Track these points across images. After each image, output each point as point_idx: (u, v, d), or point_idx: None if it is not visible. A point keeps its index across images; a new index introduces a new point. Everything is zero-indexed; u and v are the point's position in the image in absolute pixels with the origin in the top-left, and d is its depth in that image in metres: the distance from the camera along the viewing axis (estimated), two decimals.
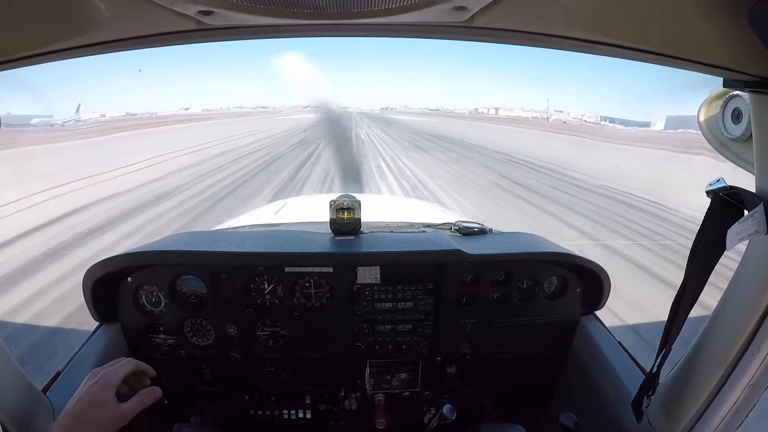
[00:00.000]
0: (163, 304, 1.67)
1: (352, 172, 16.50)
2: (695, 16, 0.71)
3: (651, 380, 1.17)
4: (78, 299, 2.98)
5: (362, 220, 1.73)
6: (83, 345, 1.58)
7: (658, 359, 1.14)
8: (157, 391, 1.13)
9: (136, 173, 15.87)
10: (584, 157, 23.13)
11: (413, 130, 45.50)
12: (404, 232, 1.84)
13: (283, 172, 16.94)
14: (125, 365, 1.14)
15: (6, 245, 7.61)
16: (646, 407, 1.20)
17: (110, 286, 1.63)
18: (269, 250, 1.63)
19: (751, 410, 1.04)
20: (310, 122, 43.70)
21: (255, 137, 32.88)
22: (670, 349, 1.11)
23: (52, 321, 4.80)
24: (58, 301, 5.34)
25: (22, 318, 4.96)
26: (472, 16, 0.72)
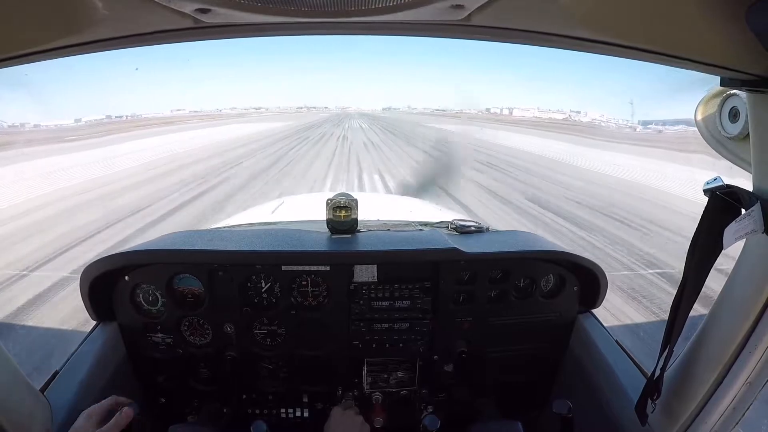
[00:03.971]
0: (160, 303, 1.67)
1: None
2: (693, 15, 0.71)
3: (655, 383, 1.15)
4: None
5: (359, 218, 1.73)
6: (81, 344, 1.58)
7: (661, 361, 1.13)
8: (130, 412, 1.23)
9: None
10: None
11: None
12: (401, 231, 1.84)
13: None
14: (108, 400, 1.27)
15: None
16: (652, 411, 1.19)
17: (107, 285, 1.62)
18: (266, 249, 1.62)
19: (748, 408, 1.05)
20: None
21: None
22: (672, 350, 1.11)
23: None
24: None
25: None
26: (470, 15, 0.72)
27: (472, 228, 1.88)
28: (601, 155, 22.20)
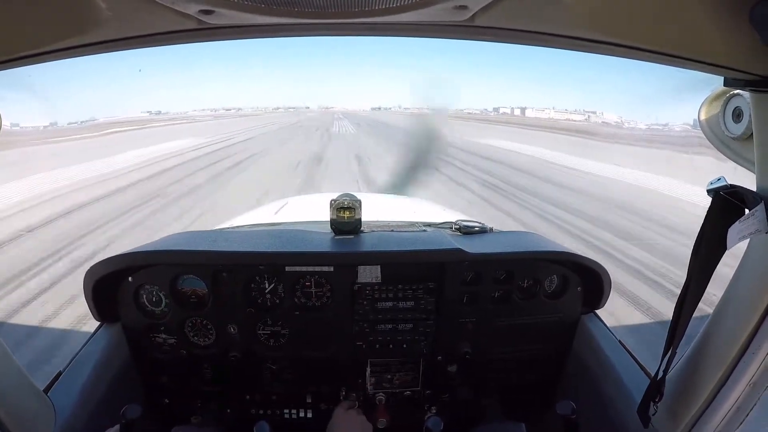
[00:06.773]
0: (164, 304, 1.67)
1: None
2: (696, 15, 0.71)
3: (657, 385, 1.15)
4: None
5: (363, 219, 1.73)
6: (84, 345, 1.58)
7: (664, 363, 1.12)
8: None
9: None
10: None
11: None
12: (405, 231, 1.84)
13: None
14: None
15: None
16: (654, 413, 1.18)
17: (111, 285, 1.63)
18: (270, 250, 1.63)
19: (751, 409, 1.04)
20: None
21: None
22: (675, 352, 1.10)
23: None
24: None
25: None
26: (473, 15, 0.72)
27: (476, 228, 1.87)
28: None
